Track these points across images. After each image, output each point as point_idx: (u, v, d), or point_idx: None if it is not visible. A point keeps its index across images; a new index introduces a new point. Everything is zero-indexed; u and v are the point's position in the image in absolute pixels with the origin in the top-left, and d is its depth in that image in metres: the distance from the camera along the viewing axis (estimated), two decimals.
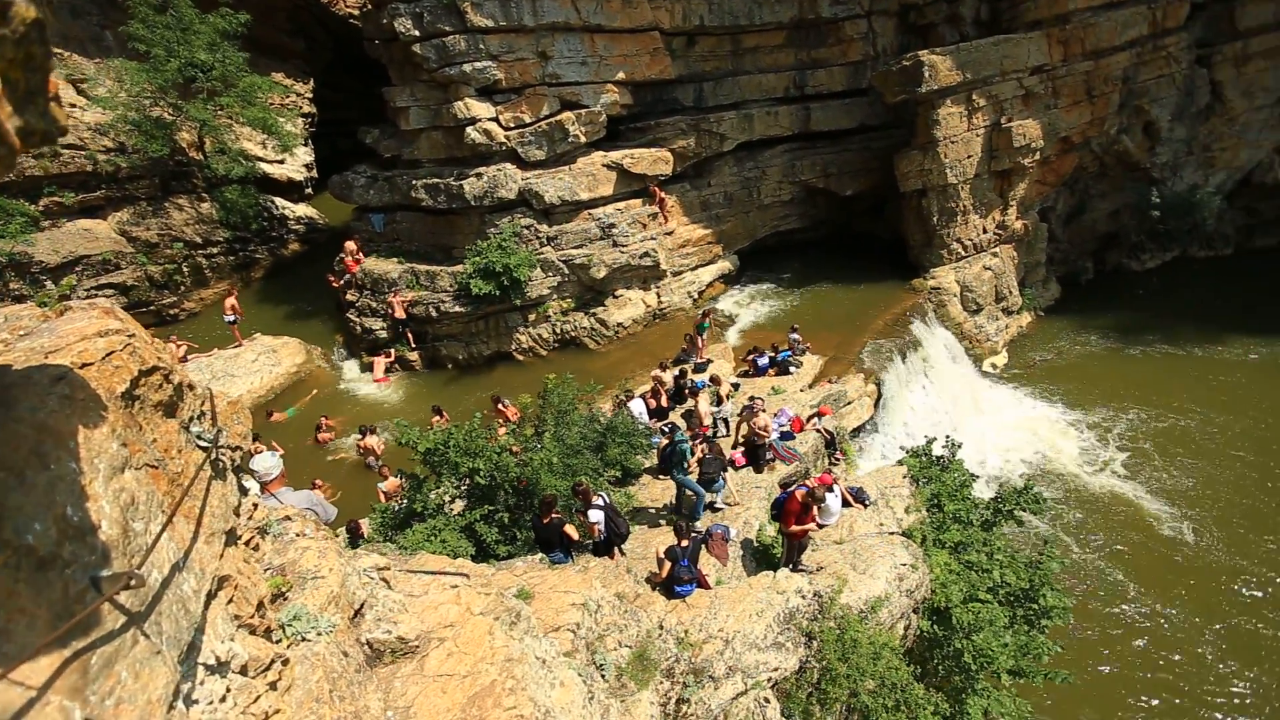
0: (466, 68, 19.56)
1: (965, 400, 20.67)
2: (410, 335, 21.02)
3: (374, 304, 21.57)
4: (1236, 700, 13.03)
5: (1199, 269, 28.31)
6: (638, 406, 14.80)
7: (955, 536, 12.31)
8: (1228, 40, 24.32)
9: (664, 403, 15.39)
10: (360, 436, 16.06)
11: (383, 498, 13.20)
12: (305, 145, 28.37)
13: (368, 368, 20.85)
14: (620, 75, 21.57)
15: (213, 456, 2.73)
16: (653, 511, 12.01)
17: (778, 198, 25.47)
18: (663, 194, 22.47)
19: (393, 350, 20.91)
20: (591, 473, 10.93)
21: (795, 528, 9.44)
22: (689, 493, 11.43)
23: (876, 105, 24.94)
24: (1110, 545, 16.79)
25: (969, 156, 22.63)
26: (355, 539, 10.61)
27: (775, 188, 25.22)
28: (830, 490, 10.81)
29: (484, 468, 9.68)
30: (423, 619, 4.40)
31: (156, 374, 2.30)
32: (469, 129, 20.32)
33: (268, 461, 5.80)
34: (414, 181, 21.53)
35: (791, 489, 9.78)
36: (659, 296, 22.49)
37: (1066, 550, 16.42)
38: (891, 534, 11.59)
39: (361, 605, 4.24)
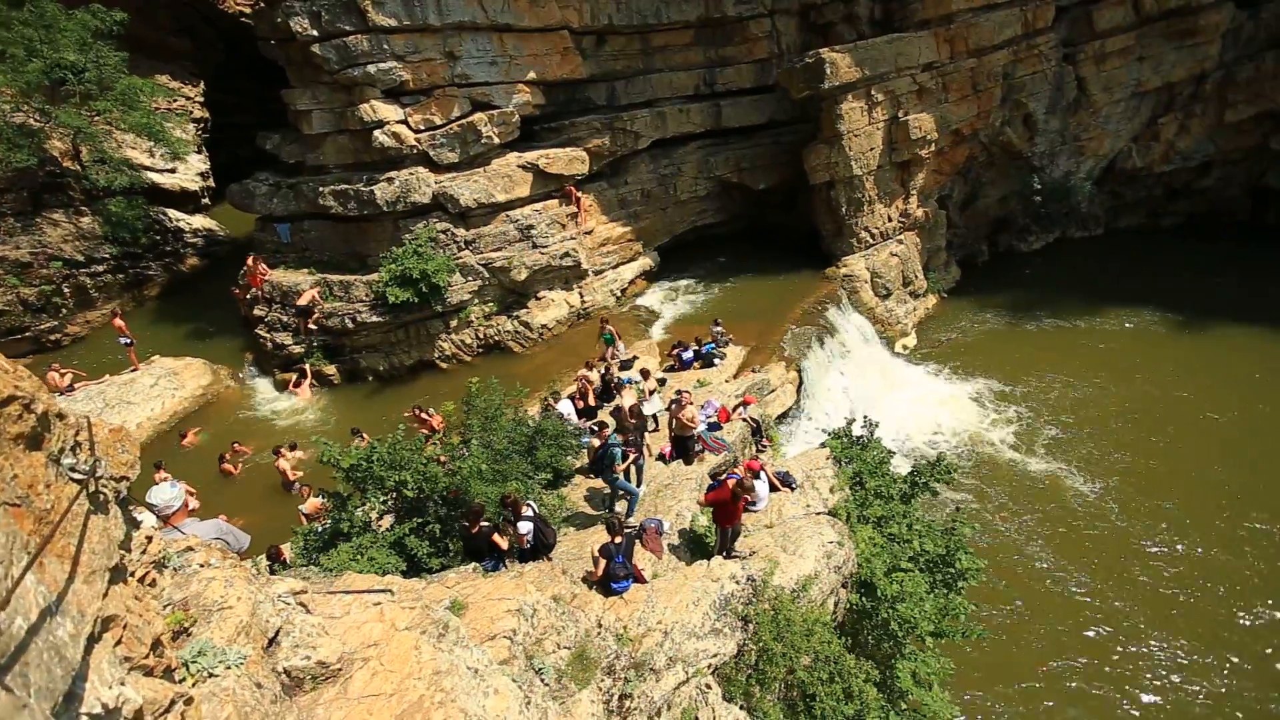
0: (371, 69, 18.89)
1: (881, 381, 21.69)
2: (307, 323, 19.95)
3: (284, 318, 20.52)
4: (1154, 661, 13.94)
5: (1076, 248, 30.91)
6: (566, 407, 14.75)
7: (877, 511, 12.84)
8: (1088, 40, 26.54)
9: (592, 401, 15.39)
10: (275, 457, 15.27)
11: (304, 520, 12.60)
12: (199, 152, 26.65)
13: (282, 385, 19.81)
14: (531, 75, 21.38)
15: (90, 489, 2.53)
16: (586, 512, 12.00)
17: (694, 194, 25.92)
18: (579, 194, 22.43)
19: (306, 365, 19.96)
20: (522, 477, 10.81)
21: (710, 497, 9.67)
22: (622, 492, 11.49)
23: (784, 101, 25.76)
24: (1018, 508, 17.97)
25: (871, 149, 23.74)
26: (276, 565, 10.08)
27: (691, 184, 25.67)
28: (758, 476, 11.09)
29: (411, 480, 9.41)
30: (345, 640, 4.24)
31: (14, 404, 2.11)
32: (377, 132, 19.64)
33: (166, 494, 5.41)
34: (321, 188, 20.61)
35: (722, 478, 9.99)
36: (582, 296, 22.46)
37: (977, 515, 17.49)
38: (818, 514, 12.01)
39: (276, 633, 4.04)
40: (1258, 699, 13.06)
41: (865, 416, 14.89)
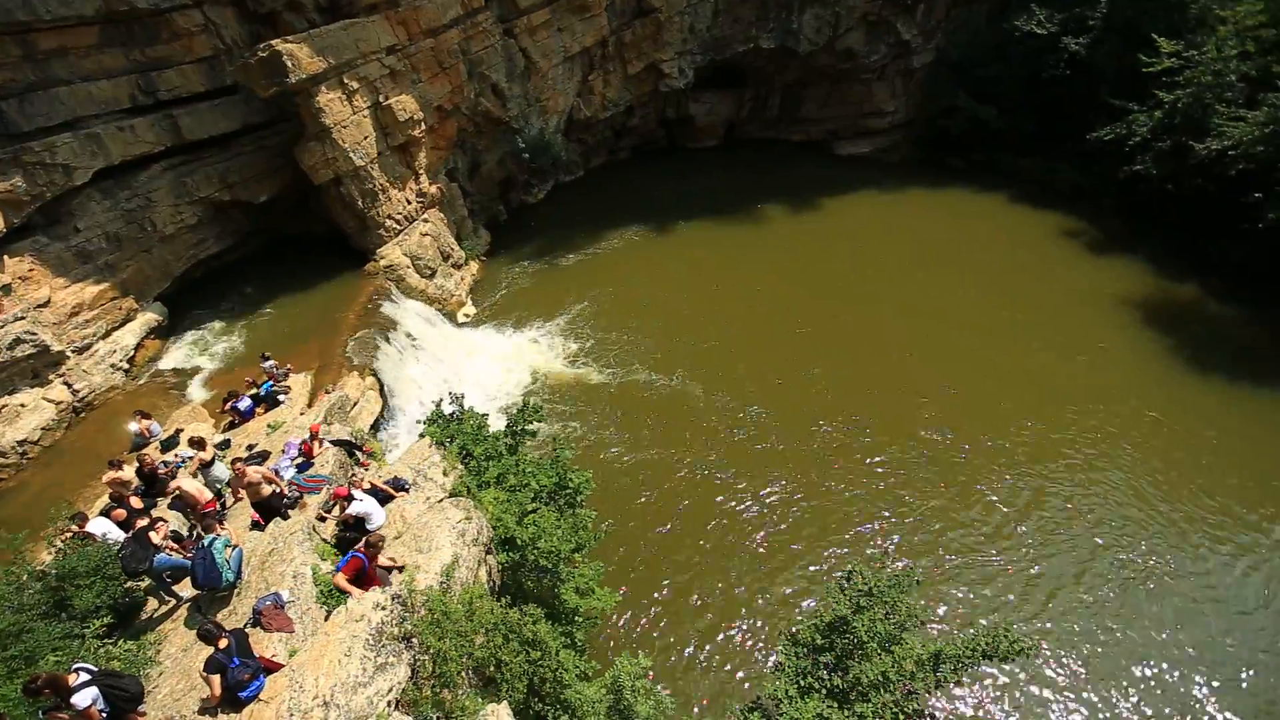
0: None
1: (458, 354, 22.71)
2: None
3: None
4: (729, 485, 18.35)
5: (569, 191, 37.12)
6: (102, 526, 11.64)
7: (493, 472, 13.88)
8: (518, 16, 30.51)
9: (137, 504, 12.44)
10: None
11: None
12: None
13: None
14: None
15: None
16: (178, 634, 9.97)
17: (181, 224, 21.95)
18: None
19: None
20: (61, 643, 8.31)
21: (350, 575, 9.23)
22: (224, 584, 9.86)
23: (255, 102, 23.26)
24: (599, 411, 21.24)
25: (365, 138, 23.47)
26: None
27: (172, 214, 21.62)
28: (352, 499, 10.83)
29: None
30: None
31: None
32: None
33: None
34: None
35: (350, 554, 9.49)
36: (69, 385, 17.44)
37: (575, 432, 20.21)
38: (440, 501, 12.36)
39: None
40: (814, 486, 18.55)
41: (450, 393, 15.58)
